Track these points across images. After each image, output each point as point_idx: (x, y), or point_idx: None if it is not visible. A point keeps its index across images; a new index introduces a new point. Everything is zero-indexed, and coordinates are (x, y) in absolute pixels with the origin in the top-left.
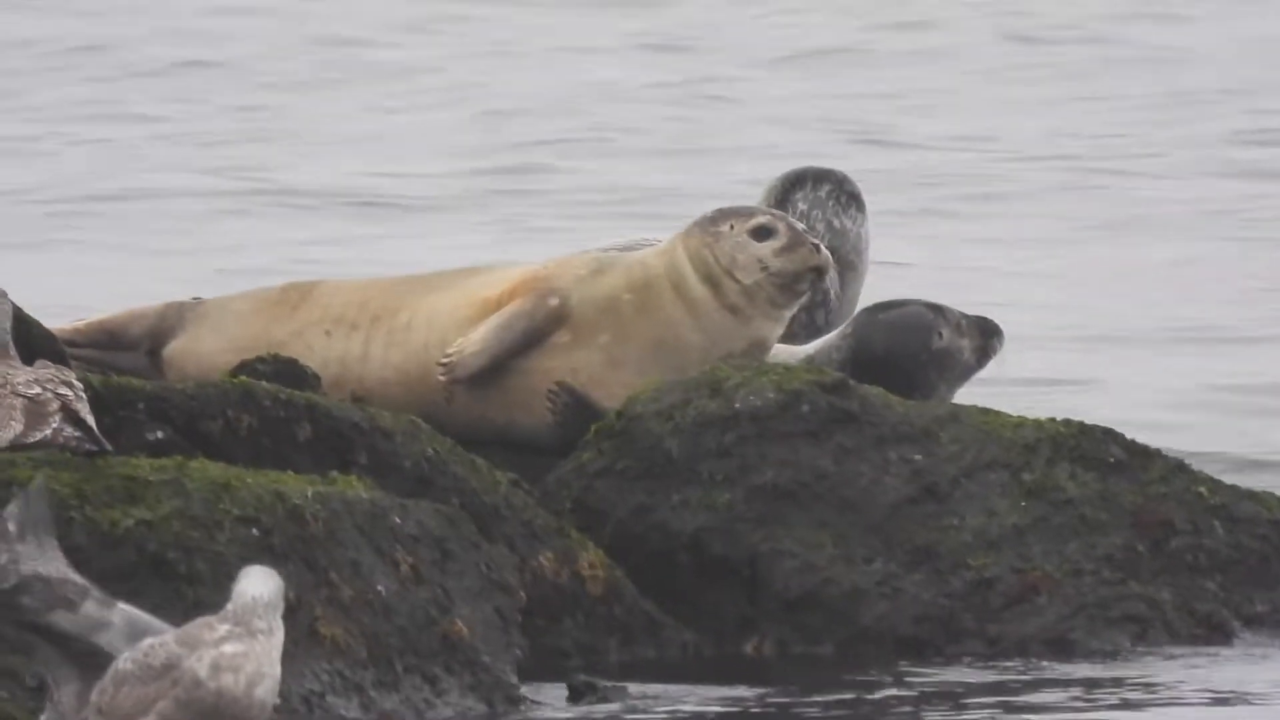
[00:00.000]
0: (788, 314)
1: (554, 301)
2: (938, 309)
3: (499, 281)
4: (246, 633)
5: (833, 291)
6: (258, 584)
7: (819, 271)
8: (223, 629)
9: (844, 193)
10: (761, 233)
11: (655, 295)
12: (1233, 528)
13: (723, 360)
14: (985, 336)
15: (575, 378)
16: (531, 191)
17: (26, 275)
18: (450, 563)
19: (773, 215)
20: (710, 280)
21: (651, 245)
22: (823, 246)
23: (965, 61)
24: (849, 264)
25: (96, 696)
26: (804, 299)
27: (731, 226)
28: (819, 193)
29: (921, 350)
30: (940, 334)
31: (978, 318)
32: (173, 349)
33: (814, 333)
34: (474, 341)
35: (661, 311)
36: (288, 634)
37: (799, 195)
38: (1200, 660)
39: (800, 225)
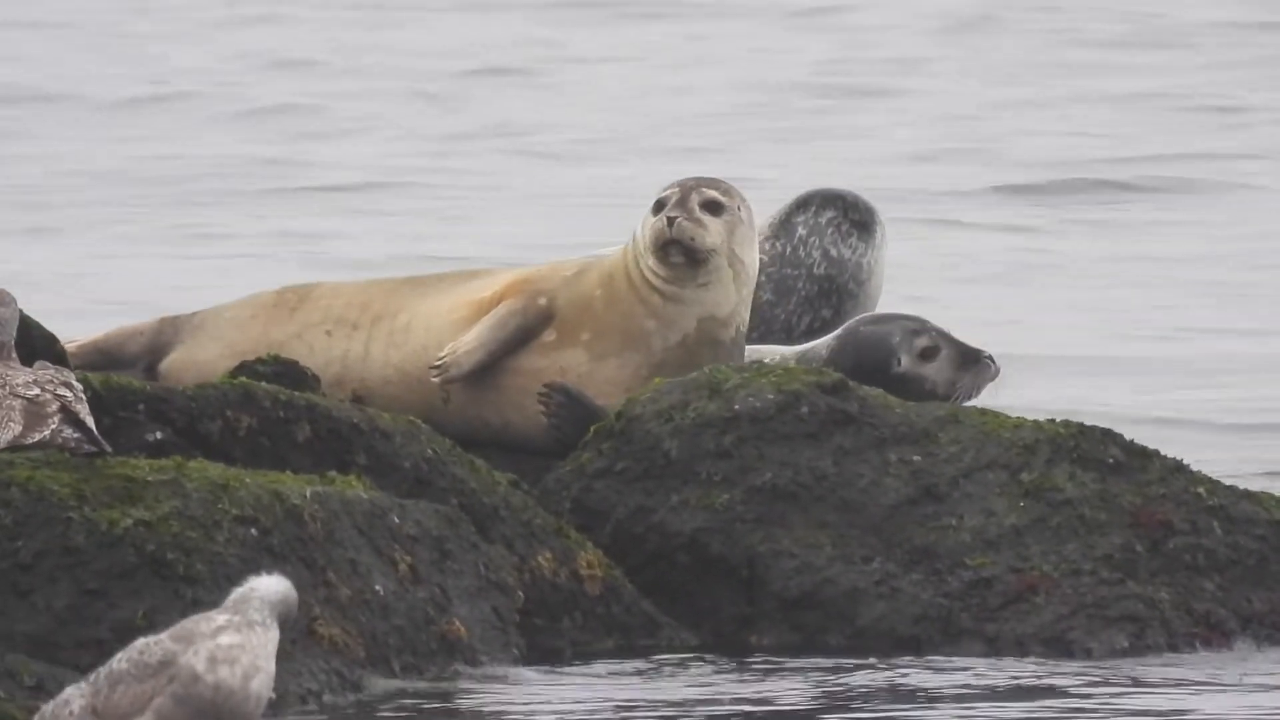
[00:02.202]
0: (709, 282)
1: (542, 301)
2: (913, 333)
3: (493, 284)
4: (244, 623)
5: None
6: (263, 582)
7: (677, 244)
8: (220, 619)
9: (847, 220)
10: (655, 207)
11: (616, 287)
12: (1231, 528)
13: (682, 343)
14: (960, 370)
15: (564, 376)
16: None
17: None
18: (449, 562)
19: (679, 187)
20: (639, 264)
21: None
22: (686, 219)
23: None
24: (848, 292)
25: (91, 697)
26: (711, 266)
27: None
28: (820, 219)
29: (878, 373)
30: (899, 360)
31: (963, 350)
32: (170, 361)
33: (821, 321)
34: (467, 341)
35: (621, 302)
36: (286, 633)
37: (799, 219)
38: (1198, 660)
39: (696, 197)
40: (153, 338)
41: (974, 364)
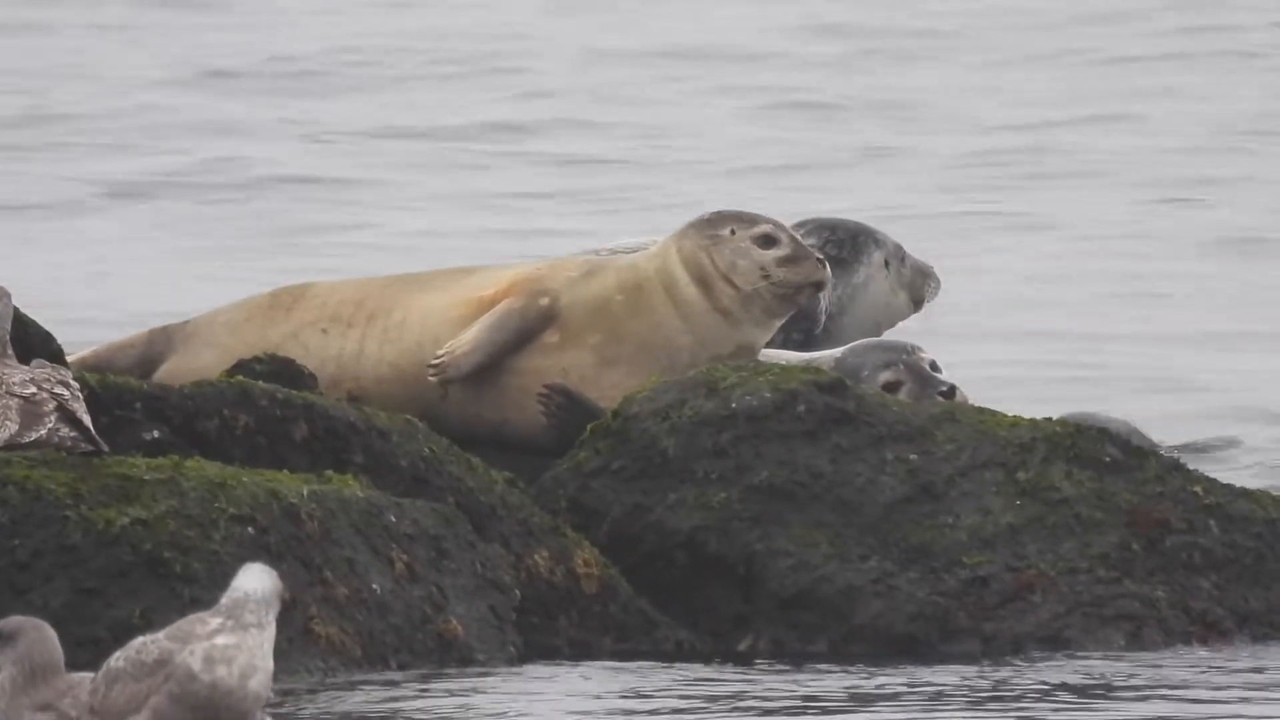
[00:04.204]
0: (778, 322)
1: (544, 301)
2: (880, 367)
3: (493, 281)
4: (238, 625)
5: (823, 305)
6: (252, 579)
7: (818, 285)
8: (214, 622)
9: (823, 252)
10: (766, 240)
11: (646, 297)
12: (1228, 526)
13: (710, 361)
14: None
15: (566, 378)
16: None
17: None
18: (445, 561)
19: (774, 224)
20: (703, 283)
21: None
22: (824, 262)
23: None
24: (816, 321)
25: (89, 696)
26: (796, 309)
27: (733, 231)
28: None
29: None
30: None
31: (924, 385)
32: (165, 371)
33: (792, 345)
34: (465, 341)
35: (652, 313)
36: (283, 632)
37: None
38: (1195, 658)
39: (800, 236)
40: (144, 350)
41: (931, 395)
